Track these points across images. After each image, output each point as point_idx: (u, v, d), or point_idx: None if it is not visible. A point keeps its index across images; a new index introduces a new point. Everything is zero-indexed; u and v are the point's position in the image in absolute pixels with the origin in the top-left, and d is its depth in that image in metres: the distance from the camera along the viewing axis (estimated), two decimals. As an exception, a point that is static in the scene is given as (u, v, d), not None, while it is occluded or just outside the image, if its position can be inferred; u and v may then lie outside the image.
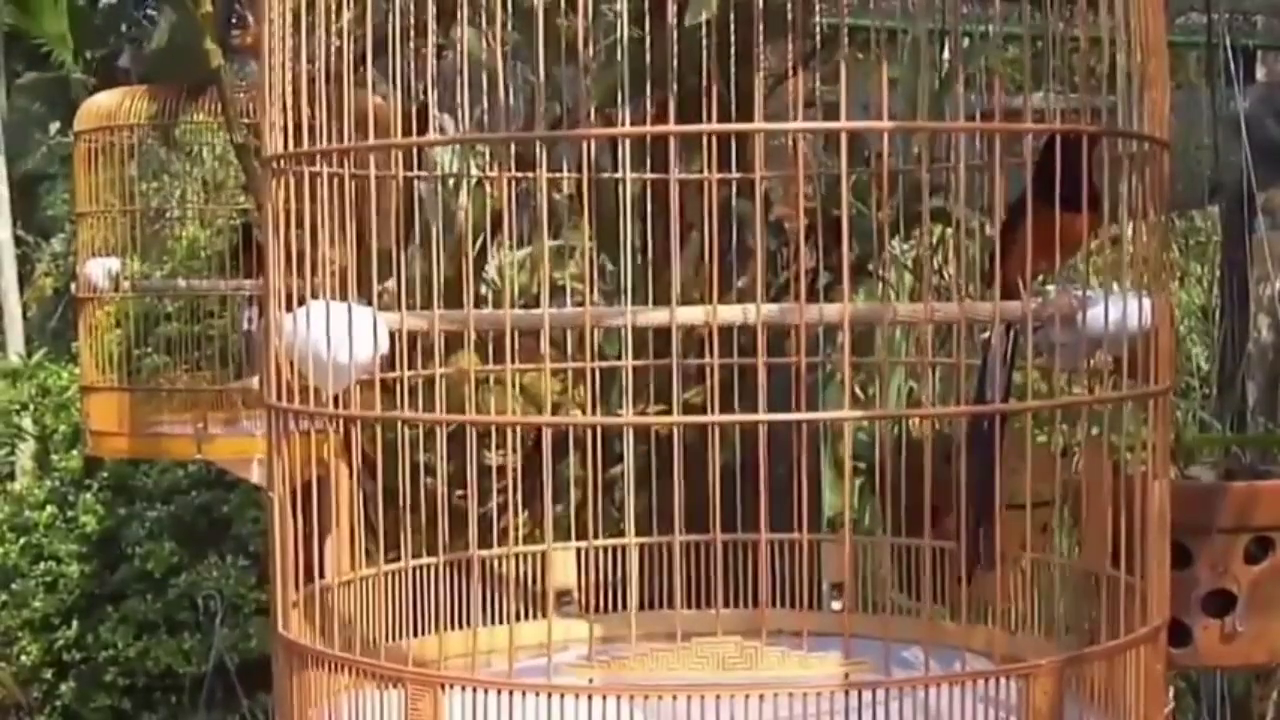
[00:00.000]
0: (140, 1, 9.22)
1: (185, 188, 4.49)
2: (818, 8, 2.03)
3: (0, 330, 7.02)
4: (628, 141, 1.75)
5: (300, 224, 1.47)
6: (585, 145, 1.75)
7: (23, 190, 7.73)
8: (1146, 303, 1.50)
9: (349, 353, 1.42)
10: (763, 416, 1.39)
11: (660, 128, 1.54)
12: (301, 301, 1.46)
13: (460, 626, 1.72)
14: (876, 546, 1.82)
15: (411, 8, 1.55)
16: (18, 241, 7.29)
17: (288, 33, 1.46)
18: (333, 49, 1.49)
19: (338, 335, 1.42)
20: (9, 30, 8.35)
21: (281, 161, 1.47)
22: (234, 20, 3.60)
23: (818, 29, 2.04)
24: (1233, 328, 3.80)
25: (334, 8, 1.47)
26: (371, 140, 1.46)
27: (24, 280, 7.36)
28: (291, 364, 1.45)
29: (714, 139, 1.76)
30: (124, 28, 9.02)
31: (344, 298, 1.45)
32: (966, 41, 2.08)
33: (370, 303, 1.48)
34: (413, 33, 1.59)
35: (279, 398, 1.46)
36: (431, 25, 1.51)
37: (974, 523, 1.60)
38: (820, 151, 2.23)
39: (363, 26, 1.47)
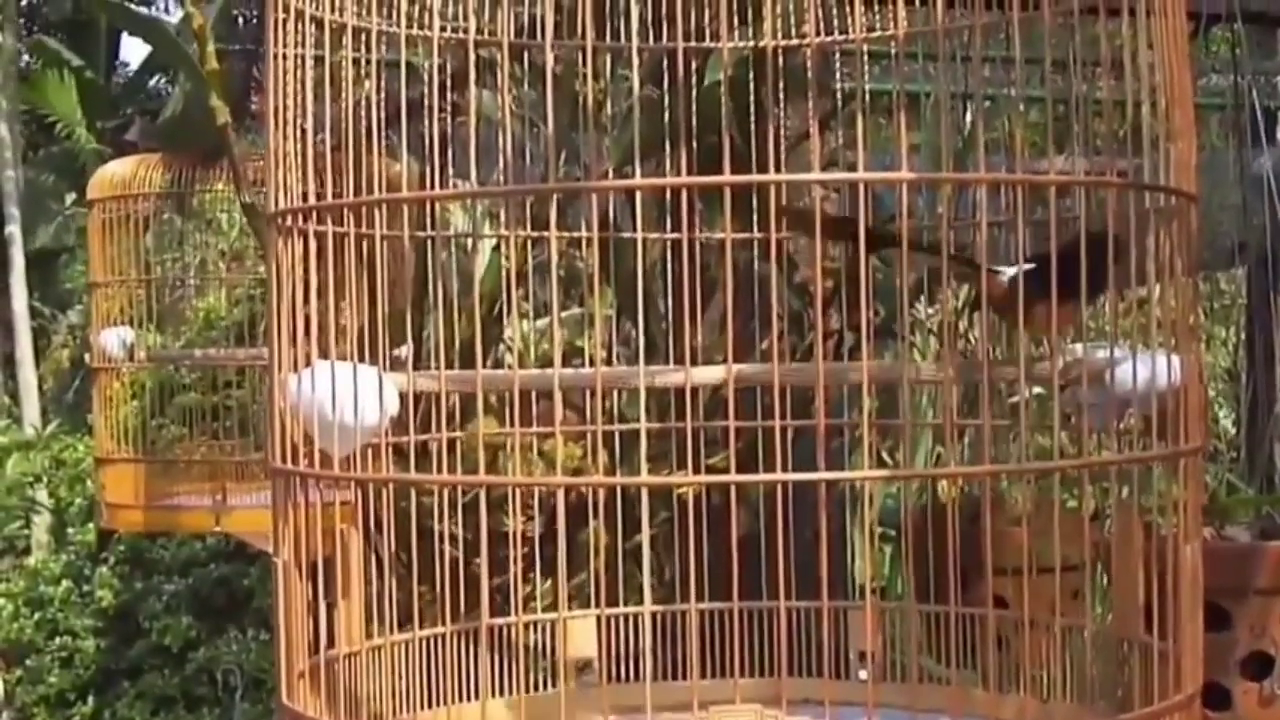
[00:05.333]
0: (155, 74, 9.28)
1: (203, 256, 4.48)
2: (837, 68, 2.01)
3: (16, 403, 7.00)
4: (640, 196, 1.72)
5: (306, 284, 1.43)
6: (595, 199, 1.72)
7: (39, 263, 7.73)
8: (1175, 361, 1.46)
9: (355, 415, 1.38)
10: (783, 476, 1.35)
11: (676, 180, 1.51)
12: (309, 363, 1.43)
13: (473, 697, 1.68)
14: (905, 613, 1.77)
15: (425, 74, 1.53)
16: (34, 313, 7.28)
17: (292, 89, 1.43)
18: (343, 110, 1.46)
19: (344, 397, 1.39)
20: (25, 106, 8.38)
21: (285, 218, 1.43)
22: (252, 85, 3.59)
23: (838, 89, 2.02)
24: (1259, 390, 3.77)
25: (346, 67, 1.45)
26: (377, 195, 1.43)
27: (40, 353, 7.34)
28: (299, 425, 1.41)
29: (733, 197, 1.72)
30: (140, 96, 9.06)
31: (353, 360, 1.42)
32: (988, 104, 2.05)
33: (382, 365, 1.44)
34: (425, 98, 1.57)
35: (284, 461, 1.43)
36: (447, 91, 1.49)
37: None
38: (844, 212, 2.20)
39: (378, 91, 1.44)
